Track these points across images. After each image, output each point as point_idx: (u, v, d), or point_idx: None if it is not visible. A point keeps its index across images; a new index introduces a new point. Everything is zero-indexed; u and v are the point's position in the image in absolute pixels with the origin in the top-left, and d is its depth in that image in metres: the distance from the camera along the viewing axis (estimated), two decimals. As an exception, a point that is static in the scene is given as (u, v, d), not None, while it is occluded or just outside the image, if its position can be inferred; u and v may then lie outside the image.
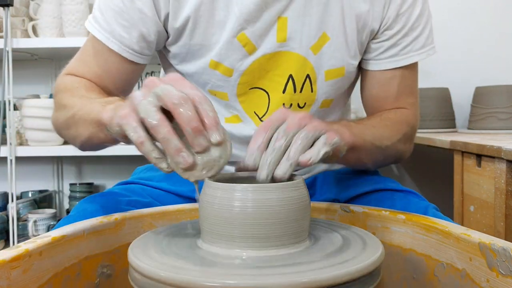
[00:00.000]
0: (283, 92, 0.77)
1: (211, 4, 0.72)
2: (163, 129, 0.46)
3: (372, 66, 0.81)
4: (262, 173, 0.50)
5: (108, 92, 0.77)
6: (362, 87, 0.85)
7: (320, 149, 0.51)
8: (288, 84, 0.77)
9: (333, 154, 0.55)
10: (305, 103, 0.79)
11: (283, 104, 0.78)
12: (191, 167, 0.47)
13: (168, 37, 0.77)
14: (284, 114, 0.53)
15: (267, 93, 0.78)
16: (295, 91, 0.77)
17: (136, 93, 0.49)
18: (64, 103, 0.74)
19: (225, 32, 0.73)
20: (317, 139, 0.52)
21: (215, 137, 0.47)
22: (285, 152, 0.50)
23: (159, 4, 0.73)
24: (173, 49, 0.78)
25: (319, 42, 0.75)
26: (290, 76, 0.76)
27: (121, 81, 0.80)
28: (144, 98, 0.47)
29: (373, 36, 0.79)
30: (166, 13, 0.74)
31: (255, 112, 0.80)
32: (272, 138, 0.51)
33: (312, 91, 0.78)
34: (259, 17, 0.72)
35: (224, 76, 0.76)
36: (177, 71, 0.81)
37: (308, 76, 0.77)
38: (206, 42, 0.75)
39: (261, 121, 0.79)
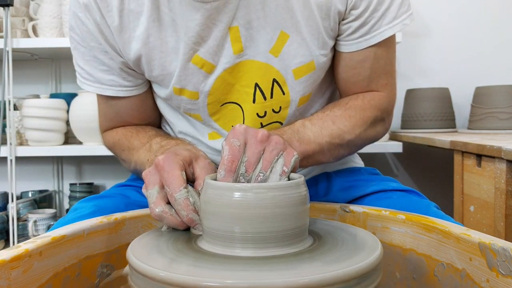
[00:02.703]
0: (253, 102, 0.74)
1: (158, 33, 0.70)
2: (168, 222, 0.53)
3: (342, 47, 0.75)
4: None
5: (140, 124, 0.84)
6: (334, 69, 0.79)
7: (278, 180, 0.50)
8: (256, 93, 0.74)
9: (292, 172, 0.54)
10: (280, 107, 0.76)
11: (257, 113, 0.75)
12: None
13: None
14: (243, 138, 0.52)
15: (239, 105, 0.75)
16: (265, 98, 0.74)
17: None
18: (122, 158, 0.81)
19: (180, 58, 0.71)
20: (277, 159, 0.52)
21: (197, 230, 0.52)
22: None
23: (109, 40, 0.72)
24: (146, 77, 0.77)
25: (278, 42, 0.71)
26: (256, 84, 0.73)
27: (140, 113, 0.83)
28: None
29: (342, 17, 0.72)
30: (118, 48, 0.73)
31: (232, 126, 0.77)
32: (235, 179, 0.51)
33: (284, 94, 0.74)
34: (209, 35, 0.69)
35: (191, 100, 0.75)
36: (155, 93, 0.81)
37: (274, 80, 0.73)
38: (166, 71, 0.73)
39: None
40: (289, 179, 0.51)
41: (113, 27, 0.71)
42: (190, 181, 0.56)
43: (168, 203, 0.53)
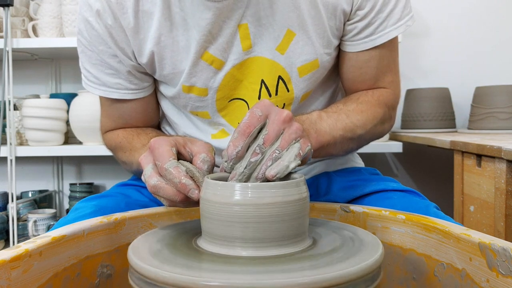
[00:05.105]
0: (259, 98, 0.75)
1: (169, 33, 0.71)
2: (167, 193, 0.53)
3: (348, 47, 0.77)
4: (232, 181, 0.51)
5: (142, 126, 0.85)
6: (340, 69, 0.81)
7: (290, 163, 0.50)
8: (262, 89, 0.75)
9: (302, 161, 0.54)
10: (284, 104, 0.77)
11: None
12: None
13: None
14: (266, 111, 0.52)
15: (246, 102, 0.77)
16: (270, 95, 0.75)
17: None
18: (123, 160, 0.81)
19: (190, 56, 0.72)
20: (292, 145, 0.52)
21: (194, 196, 0.52)
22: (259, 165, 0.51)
23: (119, 44, 0.73)
24: (156, 76, 0.78)
25: (285, 40, 0.72)
26: (262, 81, 0.74)
27: (144, 116, 0.84)
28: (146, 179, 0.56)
29: (347, 17, 0.74)
30: (131, 51, 0.74)
31: (239, 123, 0.78)
32: (250, 148, 0.51)
33: (288, 91, 0.76)
34: (219, 32, 0.71)
35: (200, 97, 0.76)
36: (161, 93, 0.82)
37: (280, 77, 0.74)
38: (177, 70, 0.74)
39: None
40: (292, 179, 0.51)
41: (128, 29, 0.72)
42: (188, 160, 0.57)
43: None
